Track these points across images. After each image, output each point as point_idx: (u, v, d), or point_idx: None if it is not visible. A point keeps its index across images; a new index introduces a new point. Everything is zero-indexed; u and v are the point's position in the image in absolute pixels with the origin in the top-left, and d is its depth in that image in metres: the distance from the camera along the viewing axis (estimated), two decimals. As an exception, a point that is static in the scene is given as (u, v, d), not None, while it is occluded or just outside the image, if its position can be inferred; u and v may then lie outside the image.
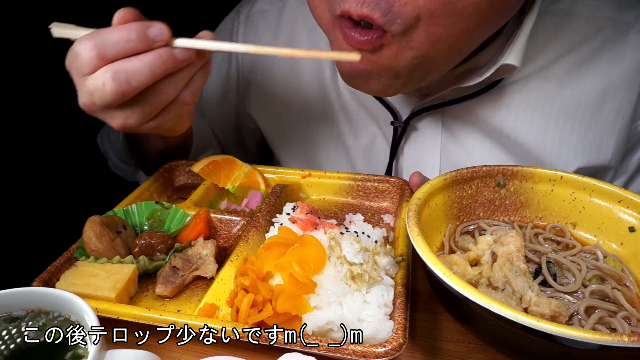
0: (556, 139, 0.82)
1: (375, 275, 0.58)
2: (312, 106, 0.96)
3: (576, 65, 0.79)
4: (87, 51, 0.57)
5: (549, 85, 0.80)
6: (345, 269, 0.58)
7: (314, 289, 0.57)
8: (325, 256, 0.60)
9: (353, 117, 0.94)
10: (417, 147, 0.90)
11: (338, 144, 0.98)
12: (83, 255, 0.65)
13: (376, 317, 0.55)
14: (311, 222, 0.65)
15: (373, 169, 0.95)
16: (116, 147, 0.98)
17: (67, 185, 1.44)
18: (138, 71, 0.58)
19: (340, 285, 0.57)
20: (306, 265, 0.57)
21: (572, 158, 0.82)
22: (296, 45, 0.96)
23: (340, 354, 0.51)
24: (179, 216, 0.75)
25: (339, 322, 0.54)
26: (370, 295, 0.57)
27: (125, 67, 0.58)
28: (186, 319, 0.55)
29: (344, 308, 0.55)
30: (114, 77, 0.57)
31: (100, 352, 0.43)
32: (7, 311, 0.48)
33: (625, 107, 0.80)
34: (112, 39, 0.58)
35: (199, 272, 0.65)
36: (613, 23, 0.79)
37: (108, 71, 0.58)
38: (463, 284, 0.46)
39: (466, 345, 0.58)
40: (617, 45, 0.78)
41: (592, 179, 0.64)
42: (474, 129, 0.86)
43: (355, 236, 0.64)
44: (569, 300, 0.56)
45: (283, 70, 0.98)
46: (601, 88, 0.79)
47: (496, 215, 0.70)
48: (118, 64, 0.58)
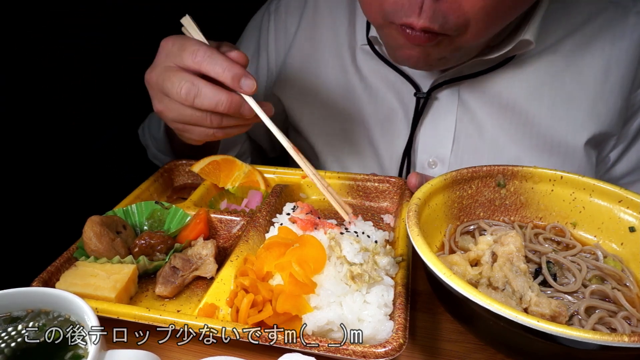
0: (566, 111, 0.87)
1: (375, 276, 0.58)
2: (333, 83, 1.01)
3: (583, 43, 0.87)
4: (190, 56, 0.67)
5: (558, 62, 0.87)
6: (345, 269, 0.58)
7: (314, 289, 0.57)
8: (325, 256, 0.60)
9: (373, 92, 0.98)
10: (435, 119, 0.94)
11: (357, 117, 1.02)
12: (83, 255, 0.65)
13: (376, 317, 0.55)
14: (311, 222, 0.65)
15: (389, 140, 0.99)
16: (156, 139, 1.06)
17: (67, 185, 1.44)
18: (208, 97, 0.67)
19: (340, 285, 0.57)
20: (306, 265, 0.57)
21: (580, 129, 0.87)
22: (318, 28, 1.02)
23: (341, 354, 0.51)
24: (178, 216, 0.75)
25: (339, 322, 0.54)
26: (370, 296, 0.57)
27: (202, 87, 0.67)
28: (186, 319, 0.55)
29: (344, 308, 0.55)
30: (190, 88, 0.67)
31: (100, 352, 0.43)
32: (7, 311, 0.48)
33: (626, 80, 0.87)
34: (215, 61, 0.67)
35: (198, 272, 0.65)
36: (613, 6, 0.87)
37: (190, 81, 0.67)
38: (463, 284, 0.46)
39: (466, 345, 0.58)
40: (618, 25, 0.86)
41: (592, 179, 0.64)
42: (488, 103, 0.90)
43: (355, 236, 0.64)
44: (569, 300, 0.56)
45: (306, 52, 1.03)
46: (605, 63, 0.86)
47: (496, 215, 0.70)
48: (201, 81, 0.67)
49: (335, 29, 1.00)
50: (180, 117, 0.72)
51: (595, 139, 0.89)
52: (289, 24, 1.06)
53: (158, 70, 0.71)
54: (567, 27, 0.87)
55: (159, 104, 0.73)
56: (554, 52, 0.87)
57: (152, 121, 1.09)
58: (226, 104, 0.67)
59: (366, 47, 0.95)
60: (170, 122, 0.75)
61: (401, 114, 0.96)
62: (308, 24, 1.03)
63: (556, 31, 0.87)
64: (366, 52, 0.96)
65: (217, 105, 0.67)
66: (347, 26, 0.98)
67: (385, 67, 0.94)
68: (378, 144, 1.00)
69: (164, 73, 0.69)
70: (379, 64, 0.94)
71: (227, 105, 0.67)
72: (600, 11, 0.87)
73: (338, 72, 1.00)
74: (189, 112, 0.70)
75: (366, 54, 0.96)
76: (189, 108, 0.69)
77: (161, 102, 0.73)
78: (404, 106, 0.96)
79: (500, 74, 0.88)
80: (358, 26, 0.97)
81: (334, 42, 1.00)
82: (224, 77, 0.67)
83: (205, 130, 0.73)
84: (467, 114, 0.92)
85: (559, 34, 0.87)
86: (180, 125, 0.74)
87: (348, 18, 0.98)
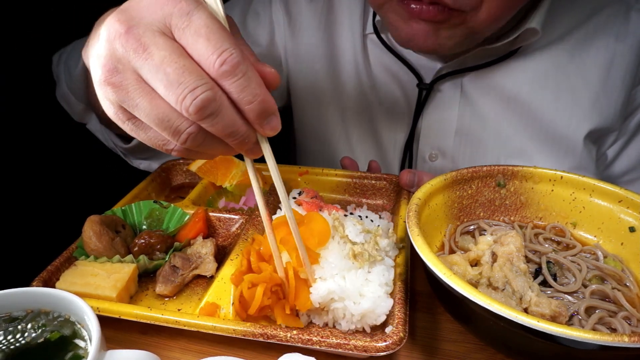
0: (568, 104, 0.88)
1: (376, 255, 0.60)
2: (343, 70, 1.00)
3: (587, 38, 0.87)
4: (213, 54, 0.41)
5: (562, 55, 0.88)
6: (348, 247, 0.60)
7: (318, 260, 0.59)
8: (329, 230, 0.61)
9: (377, 82, 0.98)
10: (437, 110, 0.94)
11: (361, 106, 1.02)
12: (83, 254, 0.65)
13: (376, 293, 0.57)
14: (316, 205, 0.67)
15: (392, 132, 0.99)
16: (71, 73, 0.84)
17: (67, 185, 1.44)
18: (225, 121, 0.44)
19: (344, 261, 0.59)
20: (311, 238, 0.59)
21: (582, 122, 0.88)
22: (334, 11, 1.00)
23: (342, 349, 0.51)
24: (177, 215, 0.75)
25: (341, 293, 0.56)
26: (372, 275, 0.59)
27: (225, 105, 0.43)
28: (187, 318, 0.55)
29: (347, 282, 0.57)
30: (211, 98, 0.42)
31: (100, 352, 0.43)
32: (7, 311, 0.48)
33: (628, 76, 0.88)
34: (248, 83, 0.43)
35: (198, 270, 0.65)
36: (616, 2, 0.88)
37: (213, 90, 0.42)
38: (463, 284, 0.46)
39: (466, 345, 0.58)
40: (620, 21, 0.87)
41: (592, 179, 0.64)
42: (491, 95, 0.90)
43: (359, 219, 0.66)
44: (569, 300, 0.56)
45: (320, 36, 1.02)
46: (609, 57, 0.87)
47: (496, 215, 0.70)
48: (224, 95, 0.43)
49: (350, 14, 0.99)
50: (152, 110, 0.44)
51: (596, 133, 0.89)
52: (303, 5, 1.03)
53: (141, 28, 0.42)
54: (572, 21, 0.88)
55: (116, 65, 0.43)
56: (558, 45, 0.88)
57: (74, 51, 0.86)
58: (239, 140, 0.46)
59: (372, 35, 0.95)
60: (117, 101, 0.45)
61: (404, 105, 0.97)
62: (324, 2, 1.01)
63: (561, 24, 0.87)
64: (373, 41, 0.96)
65: (230, 135, 0.45)
66: (360, 13, 0.98)
67: (389, 56, 0.94)
68: (380, 135, 1.01)
69: (158, 41, 0.41)
70: (384, 53, 0.94)
71: (239, 142, 0.46)
72: (604, 7, 0.88)
73: (349, 58, 1.00)
74: (168, 111, 0.43)
75: (373, 42, 0.96)
76: (175, 111, 0.43)
77: (126, 70, 0.43)
78: (406, 97, 0.96)
79: (504, 66, 0.88)
80: (369, 14, 0.96)
81: (348, 28, 0.99)
82: (249, 107, 0.44)
83: (164, 140, 0.47)
84: (469, 106, 0.92)
85: (563, 28, 0.88)
86: (129, 114, 0.46)
87: (362, 4, 0.98)
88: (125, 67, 0.42)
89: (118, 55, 0.42)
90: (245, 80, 0.43)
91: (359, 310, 0.55)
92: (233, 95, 0.43)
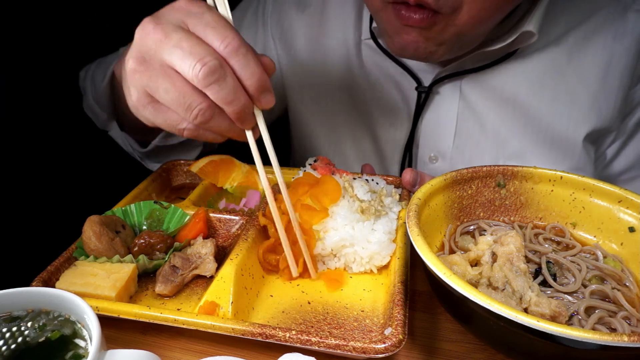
0: (567, 105, 0.88)
1: (381, 210, 0.70)
2: (338, 75, 1.01)
3: (584, 38, 0.87)
4: (219, 39, 0.53)
5: (560, 56, 0.88)
6: (356, 204, 0.70)
7: (328, 213, 0.68)
8: (340, 189, 0.71)
9: (376, 85, 0.99)
10: (436, 113, 0.94)
11: (360, 110, 1.02)
12: (82, 254, 0.65)
13: (381, 240, 0.66)
14: (329, 169, 0.77)
15: (391, 135, 1.00)
16: (97, 87, 0.94)
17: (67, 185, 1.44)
18: (227, 89, 0.54)
19: (353, 215, 0.68)
20: (323, 195, 0.70)
21: (581, 123, 0.88)
22: (327, 17, 1.01)
23: (341, 350, 0.51)
24: (177, 215, 0.75)
25: (351, 240, 0.67)
26: (377, 225, 0.68)
27: (229, 75, 0.54)
28: (186, 317, 0.55)
29: (356, 231, 0.67)
30: (216, 67, 0.52)
31: (100, 352, 0.43)
32: (7, 311, 0.48)
33: (626, 76, 0.88)
34: (247, 61, 0.54)
35: (198, 270, 0.65)
36: (613, 3, 0.88)
37: (219, 61, 0.53)
38: (463, 284, 0.46)
39: (465, 345, 0.58)
40: (618, 22, 0.87)
41: (592, 179, 0.64)
42: (490, 98, 0.91)
43: (366, 182, 0.75)
44: (569, 300, 0.56)
45: (313, 40, 1.03)
46: (607, 58, 0.87)
47: (496, 215, 0.70)
48: (229, 68, 0.54)
49: (343, 21, 1.00)
50: (170, 88, 0.54)
51: (595, 134, 0.89)
52: (294, 10, 1.04)
53: (165, 24, 0.54)
54: (569, 22, 0.88)
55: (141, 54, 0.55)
56: (555, 47, 0.88)
57: (99, 68, 0.99)
58: (241, 106, 0.55)
59: (369, 41, 0.95)
60: (142, 86, 0.56)
61: (403, 108, 0.97)
62: (316, 11, 1.02)
63: (558, 25, 0.87)
64: (370, 46, 0.96)
65: (232, 102, 0.54)
66: (354, 20, 0.98)
67: (387, 61, 0.94)
68: (380, 138, 1.01)
69: (178, 30, 0.53)
70: (382, 58, 0.95)
71: (240, 108, 0.55)
72: (601, 7, 0.88)
73: (343, 64, 1.00)
74: (185, 89, 0.54)
75: (370, 48, 0.96)
76: (188, 85, 0.53)
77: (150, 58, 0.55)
78: (405, 100, 0.96)
79: (502, 69, 0.89)
80: (364, 20, 0.97)
81: (341, 34, 1.00)
82: (249, 82, 0.55)
83: (178, 120, 0.57)
84: (468, 109, 0.92)
85: (560, 29, 0.88)
86: (151, 98, 0.57)
87: (355, 11, 0.99)
88: (152, 57, 0.54)
89: (146, 48, 0.54)
90: (245, 59, 0.54)
91: (367, 253, 0.66)
92: (236, 72, 0.54)
